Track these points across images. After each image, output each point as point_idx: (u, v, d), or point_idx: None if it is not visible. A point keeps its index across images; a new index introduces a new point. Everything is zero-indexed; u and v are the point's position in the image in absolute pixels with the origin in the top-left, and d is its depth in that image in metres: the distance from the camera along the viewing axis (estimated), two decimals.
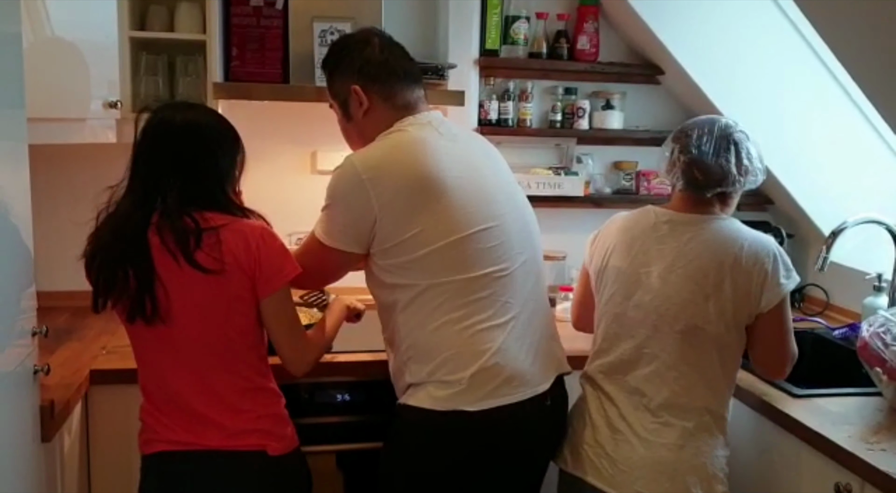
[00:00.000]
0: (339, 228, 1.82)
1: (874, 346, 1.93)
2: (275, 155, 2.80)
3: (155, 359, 1.76)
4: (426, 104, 1.95)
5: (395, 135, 1.85)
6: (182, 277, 1.66)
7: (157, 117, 1.75)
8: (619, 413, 1.88)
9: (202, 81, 2.42)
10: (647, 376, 1.86)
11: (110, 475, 2.12)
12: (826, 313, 2.84)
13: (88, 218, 2.64)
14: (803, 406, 1.96)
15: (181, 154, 1.73)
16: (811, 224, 2.91)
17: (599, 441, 1.88)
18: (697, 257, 1.85)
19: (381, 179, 1.76)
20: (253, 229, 1.73)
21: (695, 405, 1.85)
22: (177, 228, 1.66)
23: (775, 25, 2.67)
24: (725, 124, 1.92)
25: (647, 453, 1.82)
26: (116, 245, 1.70)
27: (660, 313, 1.85)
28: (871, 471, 1.65)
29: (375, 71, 1.88)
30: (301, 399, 2.20)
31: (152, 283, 1.67)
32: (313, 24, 2.48)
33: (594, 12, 2.90)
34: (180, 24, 2.43)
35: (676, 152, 1.92)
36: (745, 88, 2.78)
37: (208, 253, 1.66)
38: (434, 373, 1.76)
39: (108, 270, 1.71)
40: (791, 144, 2.83)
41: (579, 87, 2.99)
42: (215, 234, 1.67)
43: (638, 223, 1.96)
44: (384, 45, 1.92)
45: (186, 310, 1.69)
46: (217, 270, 1.66)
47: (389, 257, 1.79)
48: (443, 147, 1.83)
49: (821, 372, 2.44)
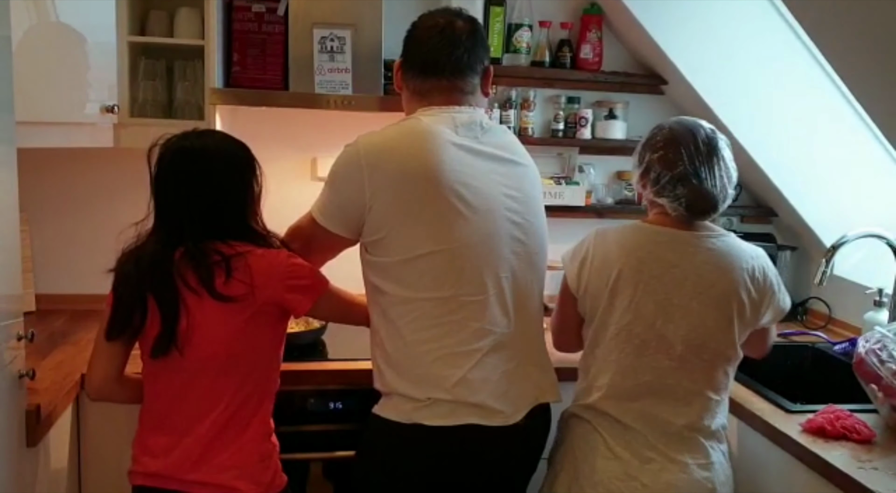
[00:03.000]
0: (332, 208, 1.79)
1: (870, 362, 1.90)
2: (275, 161, 2.79)
3: (164, 387, 1.75)
4: (468, 98, 1.85)
5: (409, 122, 1.81)
6: (206, 310, 1.67)
7: (170, 150, 1.73)
8: (646, 442, 1.80)
9: (200, 87, 2.42)
10: (669, 403, 1.80)
11: (102, 481, 2.12)
12: (828, 327, 2.81)
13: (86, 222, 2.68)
14: (797, 422, 1.92)
15: (198, 186, 1.71)
16: (814, 237, 2.88)
17: (632, 474, 1.78)
18: (717, 281, 1.79)
19: (380, 167, 1.72)
20: (278, 258, 1.74)
21: (716, 423, 1.84)
22: (202, 264, 1.66)
23: (779, 37, 2.64)
24: (707, 136, 1.83)
25: (686, 476, 1.78)
26: (143, 283, 1.69)
27: (686, 343, 1.78)
28: (862, 491, 1.62)
29: (414, 49, 1.86)
30: (294, 407, 2.19)
31: (177, 319, 1.67)
32: (313, 30, 2.47)
33: (597, 22, 2.89)
34: (180, 30, 2.43)
35: (666, 171, 1.80)
36: (748, 100, 2.76)
37: (239, 279, 1.67)
38: (399, 387, 1.74)
39: (133, 306, 1.70)
40: (795, 157, 2.80)
41: (582, 96, 2.97)
42: (243, 259, 1.68)
43: (640, 244, 1.82)
44: (448, 28, 1.82)
45: (207, 339, 1.69)
46: (243, 295, 1.67)
47: (373, 253, 1.76)
48: (454, 147, 1.74)
49: (820, 387, 2.42)
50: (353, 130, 1.85)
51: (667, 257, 1.80)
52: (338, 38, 2.47)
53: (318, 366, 2.24)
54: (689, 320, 1.78)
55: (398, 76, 1.89)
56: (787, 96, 2.72)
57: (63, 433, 1.98)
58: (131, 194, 2.68)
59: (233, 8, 2.51)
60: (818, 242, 2.85)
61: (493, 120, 2.84)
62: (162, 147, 1.73)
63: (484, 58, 1.87)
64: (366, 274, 1.82)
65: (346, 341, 2.35)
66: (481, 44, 1.86)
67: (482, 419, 1.72)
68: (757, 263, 1.83)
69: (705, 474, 1.80)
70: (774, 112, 2.75)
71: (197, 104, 2.44)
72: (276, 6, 2.49)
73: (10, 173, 1.60)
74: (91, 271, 2.66)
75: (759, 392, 2.11)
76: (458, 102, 1.83)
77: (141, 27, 2.45)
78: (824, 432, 1.85)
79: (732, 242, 1.85)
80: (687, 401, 1.81)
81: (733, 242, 1.85)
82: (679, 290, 1.78)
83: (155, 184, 1.74)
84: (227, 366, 1.70)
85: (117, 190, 2.71)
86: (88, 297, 2.67)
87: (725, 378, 1.85)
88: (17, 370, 1.65)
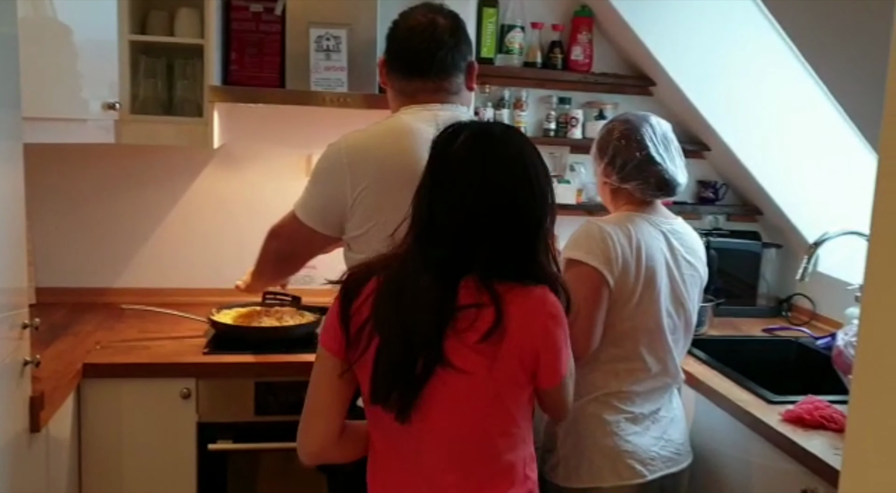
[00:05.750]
0: (315, 206, 1.82)
1: (848, 355, 1.97)
2: (271, 158, 2.86)
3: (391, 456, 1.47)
4: (452, 97, 1.86)
5: (391, 120, 1.84)
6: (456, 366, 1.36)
7: (464, 148, 1.39)
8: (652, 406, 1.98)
9: (199, 84, 2.48)
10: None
11: (100, 466, 2.19)
12: (812, 322, 2.88)
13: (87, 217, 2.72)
14: (778, 412, 1.99)
15: (503, 200, 1.37)
16: (798, 235, 2.94)
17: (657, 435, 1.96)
18: (694, 260, 1.98)
19: (361, 165, 1.75)
20: (548, 307, 1.40)
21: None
22: (480, 315, 1.34)
23: (765, 39, 2.71)
24: (659, 124, 2.01)
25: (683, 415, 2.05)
26: (407, 331, 1.35)
27: (686, 321, 1.99)
28: (836, 476, 1.67)
29: (397, 49, 1.86)
30: (289, 397, 2.24)
31: (430, 376, 1.36)
32: (310, 29, 2.52)
33: (588, 24, 2.95)
34: (180, 29, 2.49)
35: (632, 157, 1.94)
36: (735, 101, 2.82)
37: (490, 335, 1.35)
38: None
39: (390, 353, 1.37)
40: (780, 157, 2.87)
41: (573, 96, 3.03)
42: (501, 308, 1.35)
43: (634, 229, 1.90)
44: (430, 27, 1.82)
45: (443, 405, 1.38)
46: (490, 357, 1.36)
47: (355, 250, 1.80)
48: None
49: (802, 380, 2.48)
50: (348, 127, 1.88)
51: (655, 240, 1.93)
52: (334, 38, 2.52)
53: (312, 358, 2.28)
54: (688, 298, 1.98)
55: (383, 73, 1.92)
56: (772, 98, 2.79)
57: (65, 418, 2.03)
58: (131, 190, 2.77)
59: (231, 7, 2.56)
60: (802, 239, 2.91)
61: (486, 119, 2.91)
62: (449, 142, 1.42)
63: (467, 54, 1.89)
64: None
65: None
66: (464, 40, 1.88)
67: None
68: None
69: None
70: (759, 113, 2.81)
71: (196, 101, 2.50)
72: (273, 6, 2.54)
73: (16, 169, 1.65)
74: (91, 265, 2.76)
75: (742, 384, 2.18)
76: (442, 102, 1.86)
77: (142, 26, 2.50)
78: (803, 421, 1.91)
79: (683, 221, 2.05)
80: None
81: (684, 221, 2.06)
82: (675, 269, 1.96)
83: (434, 185, 1.40)
84: (460, 432, 1.45)
85: (118, 186, 2.77)
86: (88, 290, 2.74)
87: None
88: (23, 358, 1.70)
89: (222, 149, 2.79)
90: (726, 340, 2.69)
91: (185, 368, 2.20)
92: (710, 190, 3.11)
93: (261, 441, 2.24)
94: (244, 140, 2.84)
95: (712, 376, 2.27)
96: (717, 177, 3.14)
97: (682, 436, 2.01)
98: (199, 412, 2.21)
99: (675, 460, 1.96)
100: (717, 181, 3.12)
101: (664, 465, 1.93)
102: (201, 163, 2.82)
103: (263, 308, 2.53)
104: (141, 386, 2.18)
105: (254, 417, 2.25)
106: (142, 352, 2.25)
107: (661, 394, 1.98)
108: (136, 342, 2.33)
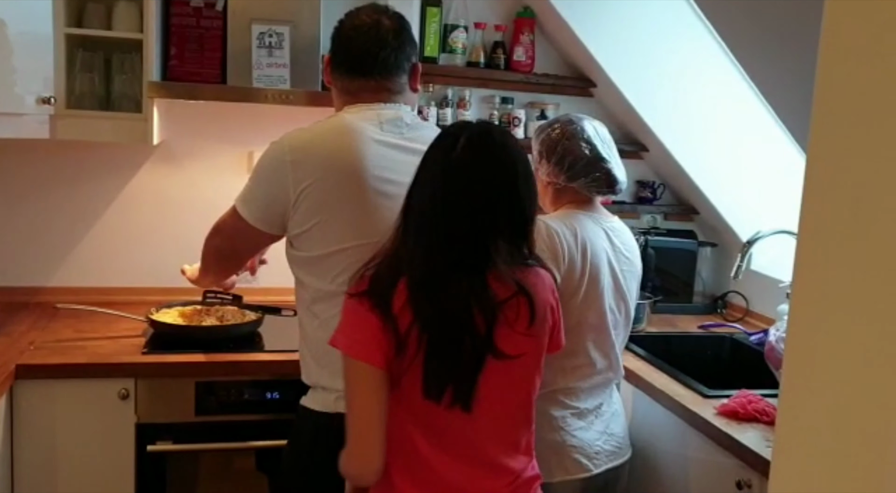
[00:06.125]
0: (257, 204, 1.81)
1: (779, 350, 2.03)
2: (211, 155, 2.83)
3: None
4: (396, 97, 1.87)
5: (334, 119, 1.83)
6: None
7: (471, 140, 1.48)
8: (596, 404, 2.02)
9: (138, 80, 2.43)
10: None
11: (34, 470, 2.13)
12: (746, 319, 2.96)
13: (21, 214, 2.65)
14: (713, 406, 2.04)
15: (512, 198, 1.48)
16: (733, 234, 3.02)
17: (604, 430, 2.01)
18: (632, 256, 2.05)
19: (304, 163, 1.74)
20: (548, 281, 1.58)
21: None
22: (520, 304, 1.48)
23: (702, 43, 2.78)
24: (597, 125, 2.06)
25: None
26: (457, 328, 1.44)
27: (626, 316, 2.04)
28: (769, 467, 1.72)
29: (341, 48, 1.86)
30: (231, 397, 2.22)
31: (484, 366, 1.46)
32: (252, 26, 2.50)
33: (530, 25, 2.98)
34: (118, 23, 2.44)
35: (580, 156, 1.98)
36: (672, 103, 2.89)
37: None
38: (322, 379, 1.79)
39: (439, 342, 1.44)
40: (715, 158, 2.95)
41: (515, 97, 3.06)
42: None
43: (579, 226, 1.95)
44: (374, 28, 1.83)
45: (497, 388, 1.49)
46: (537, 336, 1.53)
47: (297, 248, 1.79)
48: (377, 143, 1.77)
49: (736, 375, 2.56)
50: (290, 124, 1.87)
51: (599, 238, 1.97)
52: (276, 34, 2.50)
53: (254, 357, 2.28)
54: (629, 295, 2.04)
55: (327, 71, 1.92)
56: (707, 100, 2.86)
57: None
58: (67, 187, 2.71)
59: (171, 2, 2.52)
60: (736, 238, 2.99)
61: (430, 118, 2.92)
62: (456, 136, 1.49)
63: (411, 55, 1.89)
64: (291, 268, 1.85)
65: (281, 334, 2.39)
66: (409, 42, 1.88)
67: None
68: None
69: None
70: (696, 115, 2.89)
71: (135, 97, 2.45)
72: (214, 1, 2.51)
73: None
74: (24, 263, 2.70)
75: (678, 379, 2.23)
76: (385, 101, 1.86)
77: (78, 19, 2.44)
78: (737, 414, 1.97)
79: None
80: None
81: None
82: (617, 265, 2.01)
83: (449, 181, 1.47)
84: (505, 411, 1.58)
85: (53, 182, 2.70)
86: (21, 289, 2.68)
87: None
88: None
89: (162, 145, 2.74)
90: (663, 336, 2.76)
91: (124, 368, 2.16)
92: (648, 190, 3.17)
93: (201, 442, 2.22)
94: (184, 137, 2.80)
95: (650, 371, 2.32)
96: (654, 177, 3.21)
97: (622, 430, 2.05)
98: (137, 413, 2.17)
99: (618, 453, 2.01)
100: (654, 181, 3.19)
101: (608, 459, 1.97)
102: (140, 159, 2.77)
103: (204, 307, 2.50)
104: (77, 387, 2.13)
105: (194, 417, 2.22)
106: (78, 352, 2.21)
107: (603, 389, 2.02)
108: (72, 342, 2.28)
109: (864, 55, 0.81)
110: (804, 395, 0.90)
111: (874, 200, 0.80)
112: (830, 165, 0.86)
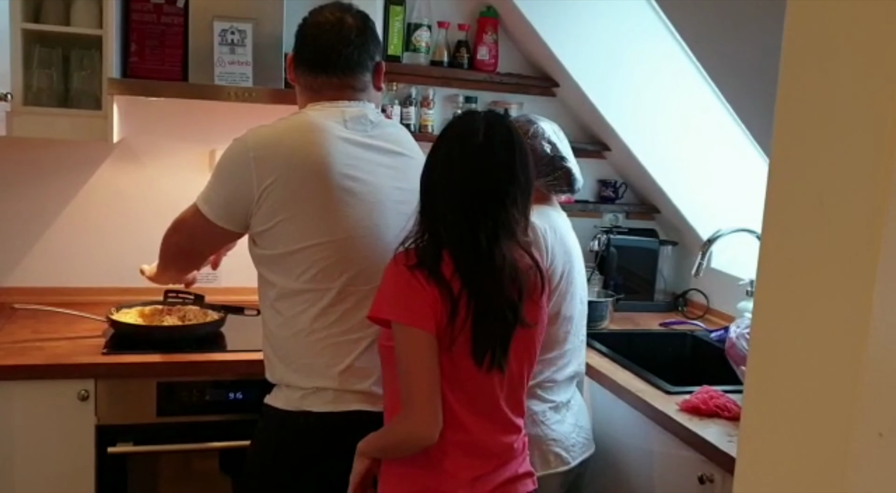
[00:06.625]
0: (219, 201, 1.79)
1: (740, 346, 2.07)
2: (172, 152, 2.79)
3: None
4: (359, 94, 1.87)
5: (297, 116, 1.82)
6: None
7: (489, 125, 1.59)
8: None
9: (98, 76, 2.40)
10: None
11: None
12: (706, 316, 3.01)
13: None
14: (675, 402, 2.07)
15: (522, 177, 1.60)
16: (693, 233, 3.06)
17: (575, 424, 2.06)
18: (579, 253, 2.09)
19: (267, 160, 1.73)
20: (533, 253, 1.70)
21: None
22: (536, 275, 1.63)
23: (664, 44, 2.81)
24: (554, 126, 2.11)
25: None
26: (498, 297, 1.56)
27: (585, 309, 2.10)
28: (731, 462, 1.77)
29: (304, 45, 1.85)
30: (193, 397, 2.20)
31: (514, 333, 1.59)
32: (214, 23, 2.48)
33: (493, 24, 2.99)
34: (76, 18, 2.39)
35: (544, 156, 2.03)
36: (633, 102, 2.92)
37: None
38: (287, 377, 1.78)
39: (492, 315, 1.55)
40: (676, 158, 2.98)
41: (479, 96, 3.07)
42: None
43: (551, 221, 2.01)
44: (337, 25, 1.83)
45: (519, 354, 1.63)
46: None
47: (260, 245, 1.78)
48: (342, 140, 1.77)
49: (698, 371, 2.60)
50: (252, 122, 1.86)
51: (559, 234, 2.02)
52: (239, 32, 2.48)
53: (217, 357, 2.26)
54: (583, 288, 2.11)
55: (290, 69, 1.91)
56: (669, 100, 2.89)
57: None
58: (25, 185, 2.66)
59: None
60: (696, 237, 3.03)
61: (393, 117, 2.92)
62: (469, 120, 1.61)
63: (375, 54, 1.89)
64: (255, 266, 1.84)
65: (244, 333, 2.37)
66: (372, 40, 1.88)
67: (369, 406, 1.76)
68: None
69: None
70: (658, 115, 2.92)
71: (94, 94, 2.41)
72: None
73: None
74: None
75: (641, 375, 2.26)
76: (349, 99, 1.86)
77: (36, 15, 2.40)
78: (699, 410, 2.00)
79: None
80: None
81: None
82: (577, 262, 2.08)
83: (467, 163, 1.57)
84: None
85: (10, 180, 2.65)
86: None
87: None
88: None
89: (122, 143, 2.70)
90: (625, 333, 2.78)
91: (83, 369, 2.13)
92: (610, 189, 3.20)
93: (163, 443, 2.19)
94: (145, 134, 2.76)
95: (613, 368, 2.34)
96: (616, 176, 3.24)
97: (588, 423, 2.11)
98: (97, 414, 2.14)
99: (587, 445, 2.07)
100: (616, 180, 3.22)
101: (581, 451, 2.03)
102: (100, 157, 2.72)
103: (165, 307, 2.47)
104: (35, 389, 2.10)
105: (155, 418, 2.19)
106: (36, 353, 2.17)
107: (570, 383, 2.07)
108: (30, 343, 2.24)
109: (827, 53, 0.83)
110: (769, 389, 0.92)
111: (836, 199, 0.82)
112: (794, 165, 0.88)
